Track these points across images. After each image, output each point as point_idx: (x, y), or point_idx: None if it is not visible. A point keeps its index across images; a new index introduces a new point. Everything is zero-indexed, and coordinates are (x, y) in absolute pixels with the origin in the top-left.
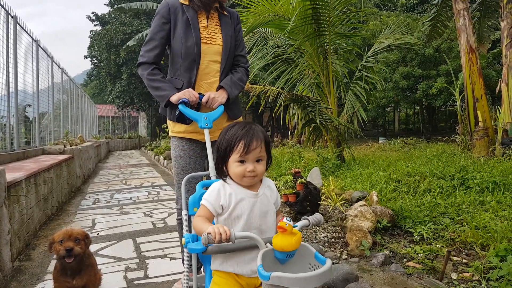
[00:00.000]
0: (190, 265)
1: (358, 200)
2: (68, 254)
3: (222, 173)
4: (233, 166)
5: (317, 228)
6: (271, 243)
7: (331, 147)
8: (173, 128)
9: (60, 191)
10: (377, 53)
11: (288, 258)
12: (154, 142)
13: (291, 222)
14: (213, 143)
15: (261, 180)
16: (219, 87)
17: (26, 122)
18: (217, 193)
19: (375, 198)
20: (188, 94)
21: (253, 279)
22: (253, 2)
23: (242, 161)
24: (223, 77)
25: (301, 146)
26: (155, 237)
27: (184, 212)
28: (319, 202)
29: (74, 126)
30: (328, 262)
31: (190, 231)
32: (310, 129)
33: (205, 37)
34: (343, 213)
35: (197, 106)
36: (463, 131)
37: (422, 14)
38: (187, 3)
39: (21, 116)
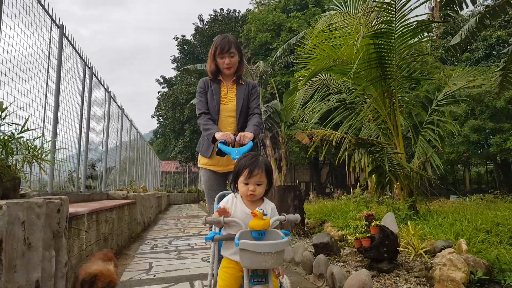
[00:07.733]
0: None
1: (442, 250)
2: None
3: (234, 189)
4: (240, 186)
5: (397, 278)
6: None
7: (403, 196)
8: (200, 161)
9: (121, 234)
10: (448, 98)
11: (260, 236)
12: None
13: (262, 211)
14: (228, 173)
15: (263, 200)
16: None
17: (95, 175)
18: (226, 201)
19: (464, 246)
20: (226, 136)
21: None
22: (315, 49)
23: (246, 184)
24: (240, 126)
25: (366, 197)
26: None
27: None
28: (397, 249)
29: (139, 180)
30: (286, 238)
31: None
32: (378, 177)
33: (224, 100)
34: (427, 262)
35: (233, 143)
36: None
37: (489, 67)
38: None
39: (90, 171)
